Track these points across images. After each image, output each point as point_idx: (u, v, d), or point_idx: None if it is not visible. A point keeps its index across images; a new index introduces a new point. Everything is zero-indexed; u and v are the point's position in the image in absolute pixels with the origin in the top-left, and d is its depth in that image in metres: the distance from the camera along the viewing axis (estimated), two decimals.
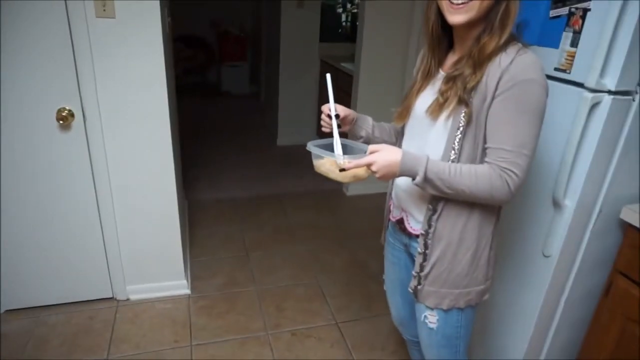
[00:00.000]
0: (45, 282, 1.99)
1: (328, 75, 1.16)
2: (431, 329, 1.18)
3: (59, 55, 1.65)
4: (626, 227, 1.31)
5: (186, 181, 3.30)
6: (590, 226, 1.36)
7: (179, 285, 2.20)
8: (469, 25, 0.99)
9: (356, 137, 1.27)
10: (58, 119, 1.72)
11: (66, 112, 1.73)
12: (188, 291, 2.21)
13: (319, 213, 3.12)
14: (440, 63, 1.11)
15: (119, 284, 2.10)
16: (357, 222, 3.05)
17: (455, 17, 0.97)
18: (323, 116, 1.19)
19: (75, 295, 2.07)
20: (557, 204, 1.35)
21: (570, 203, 1.32)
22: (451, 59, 1.09)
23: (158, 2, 1.70)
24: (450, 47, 1.11)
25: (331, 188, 3.47)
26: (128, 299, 2.13)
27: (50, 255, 1.95)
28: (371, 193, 3.40)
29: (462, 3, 0.95)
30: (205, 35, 6.20)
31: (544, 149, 1.39)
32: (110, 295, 2.12)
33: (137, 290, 2.14)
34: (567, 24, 1.27)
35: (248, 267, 2.46)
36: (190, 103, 5.61)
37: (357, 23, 3.12)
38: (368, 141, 1.26)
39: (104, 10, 1.64)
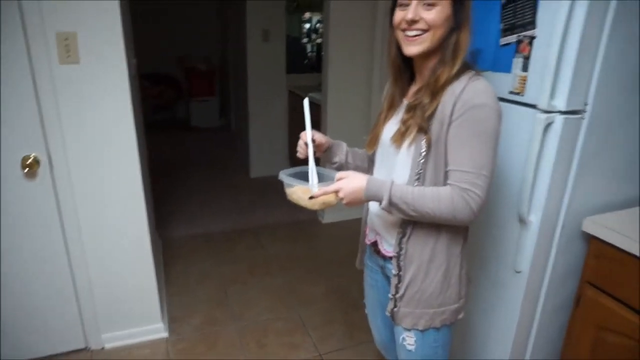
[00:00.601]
0: (11, 336, 1.90)
1: (306, 100, 1.21)
2: (410, 350, 1.19)
3: (22, 102, 1.63)
4: (589, 238, 1.36)
5: (159, 219, 3.25)
6: (556, 240, 1.42)
7: (156, 329, 2.14)
8: (425, 56, 1.06)
9: (330, 163, 1.33)
10: (23, 167, 1.69)
11: (31, 159, 1.69)
12: (166, 334, 2.15)
13: (296, 243, 3.11)
14: (403, 93, 1.17)
15: (93, 333, 2.02)
16: (334, 249, 3.05)
17: (410, 49, 1.04)
18: (300, 142, 1.22)
19: (45, 349, 1.98)
20: (522, 221, 1.40)
21: (535, 219, 1.37)
22: (413, 88, 1.15)
23: (122, 46, 1.71)
24: (412, 77, 1.16)
25: (306, 218, 3.48)
26: (103, 348, 2.05)
27: (16, 307, 1.87)
28: (347, 219, 3.43)
29: (416, 35, 1.01)
30: (172, 72, 6.23)
31: (506, 169, 1.45)
32: (84, 346, 2.04)
33: (112, 338, 2.06)
34: (517, 51, 1.35)
35: (226, 304, 2.42)
36: (160, 139, 5.57)
37: (322, 53, 3.20)
38: (341, 167, 1.31)
39: (68, 56, 1.64)
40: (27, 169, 1.69)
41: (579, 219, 1.39)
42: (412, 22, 1.00)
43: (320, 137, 1.25)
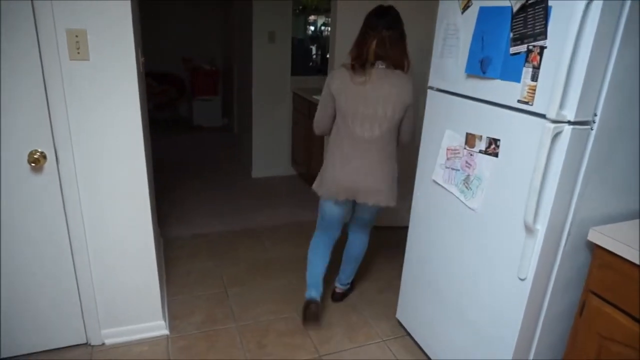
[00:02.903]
0: (13, 330, 1.90)
1: None
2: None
3: (31, 97, 1.64)
4: (594, 248, 1.37)
5: (161, 218, 3.25)
6: (561, 248, 1.43)
7: (157, 326, 2.14)
8: None
9: None
10: (30, 162, 1.69)
11: (38, 154, 1.70)
12: (166, 332, 2.15)
13: (297, 244, 3.11)
14: None
15: (94, 329, 2.02)
16: (334, 252, 3.04)
17: None
18: None
19: (46, 343, 1.98)
20: (528, 229, 1.40)
21: (540, 227, 1.38)
22: None
23: (133, 44, 1.72)
24: None
25: (308, 219, 3.48)
26: (103, 344, 2.05)
27: (19, 301, 1.87)
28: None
29: None
30: (177, 71, 6.24)
31: (514, 176, 1.46)
32: (84, 341, 2.04)
33: (112, 334, 2.06)
34: (527, 60, 1.36)
35: (227, 304, 2.42)
36: (162, 138, 5.57)
37: (327, 56, 3.21)
38: None
39: (78, 53, 1.65)
40: (34, 163, 1.69)
41: (584, 229, 1.40)
42: None
43: None
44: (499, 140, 1.50)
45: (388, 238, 3.19)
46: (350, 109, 1.96)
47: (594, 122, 1.29)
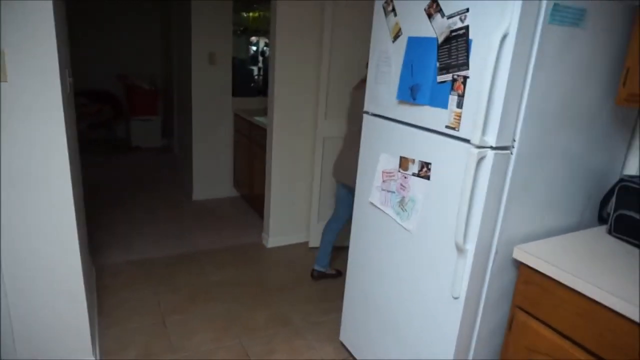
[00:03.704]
0: None
1: None
2: None
3: None
4: (519, 265, 1.45)
5: (93, 245, 3.08)
6: (490, 267, 1.49)
7: None
8: None
9: None
10: None
11: None
12: None
13: (239, 269, 3.05)
14: None
15: None
16: (278, 275, 3.02)
17: None
18: None
19: None
20: (459, 249, 1.46)
21: (470, 247, 1.44)
22: None
23: (57, 63, 1.64)
24: None
25: (251, 242, 3.43)
26: None
27: None
28: (291, 244, 3.42)
29: None
30: (112, 89, 6.00)
31: (443, 199, 1.52)
32: None
33: None
34: (452, 88, 1.43)
35: (165, 335, 2.31)
36: (98, 159, 5.32)
37: (269, 77, 3.22)
38: None
39: None
40: None
41: (510, 247, 1.48)
42: None
43: None
44: (430, 163, 1.57)
45: (333, 258, 3.21)
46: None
47: (513, 147, 1.38)
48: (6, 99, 1.59)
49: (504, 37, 1.25)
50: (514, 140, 1.37)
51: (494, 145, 1.34)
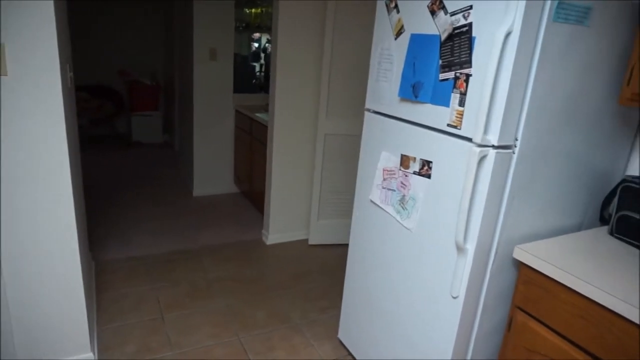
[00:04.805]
0: None
1: None
2: None
3: None
4: (519, 265, 1.44)
5: (93, 240, 3.08)
6: (490, 266, 1.48)
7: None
8: None
9: None
10: None
11: None
12: None
13: (238, 265, 3.04)
14: None
15: None
16: (277, 272, 3.01)
17: None
18: None
19: None
20: (459, 248, 1.45)
21: (470, 246, 1.43)
22: None
23: (57, 58, 1.63)
24: None
25: (251, 238, 3.43)
26: None
27: None
28: (291, 241, 3.41)
29: None
30: (114, 85, 5.99)
31: (445, 197, 1.51)
32: None
33: None
34: (455, 86, 1.42)
35: (163, 330, 2.30)
36: (99, 155, 5.32)
37: (270, 73, 3.21)
38: None
39: None
40: None
41: (510, 247, 1.47)
42: None
43: None
44: (431, 162, 1.56)
45: (329, 255, 3.20)
46: None
47: (515, 146, 1.36)
48: (6, 93, 1.58)
49: (508, 34, 1.24)
50: (516, 139, 1.36)
51: (495, 144, 1.33)
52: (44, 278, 1.82)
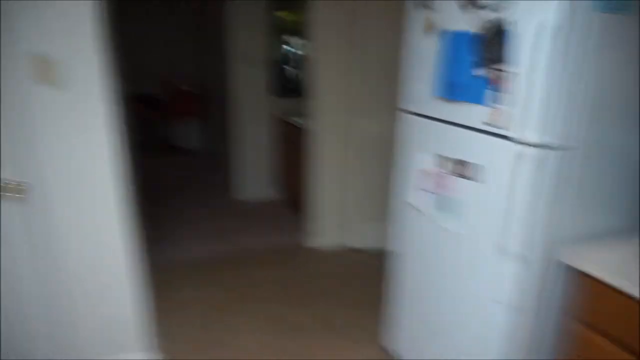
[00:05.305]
0: None
1: None
2: None
3: None
4: (578, 273, 1.32)
5: (143, 243, 3.19)
6: (538, 271, 1.40)
7: (145, 357, 2.08)
8: None
9: None
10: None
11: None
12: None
13: (282, 269, 3.07)
14: None
15: None
16: (320, 276, 3.01)
17: None
18: None
19: None
20: (503, 251, 1.39)
21: (515, 250, 1.37)
22: None
23: (105, 69, 1.70)
24: None
25: (292, 243, 3.46)
26: None
27: None
28: (332, 245, 3.39)
29: None
30: (156, 92, 6.21)
31: (486, 200, 1.45)
32: None
33: None
34: (491, 83, 1.36)
35: (212, 330, 2.37)
36: (141, 161, 5.51)
37: (306, 78, 3.22)
38: None
39: (47, 80, 1.61)
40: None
41: (557, 250, 1.38)
42: None
43: None
44: (469, 162, 1.50)
45: (369, 259, 3.17)
46: None
47: (559, 144, 1.28)
48: (55, 104, 1.67)
49: (547, 27, 1.17)
50: (561, 137, 1.27)
51: (537, 142, 1.25)
52: (100, 283, 1.93)
